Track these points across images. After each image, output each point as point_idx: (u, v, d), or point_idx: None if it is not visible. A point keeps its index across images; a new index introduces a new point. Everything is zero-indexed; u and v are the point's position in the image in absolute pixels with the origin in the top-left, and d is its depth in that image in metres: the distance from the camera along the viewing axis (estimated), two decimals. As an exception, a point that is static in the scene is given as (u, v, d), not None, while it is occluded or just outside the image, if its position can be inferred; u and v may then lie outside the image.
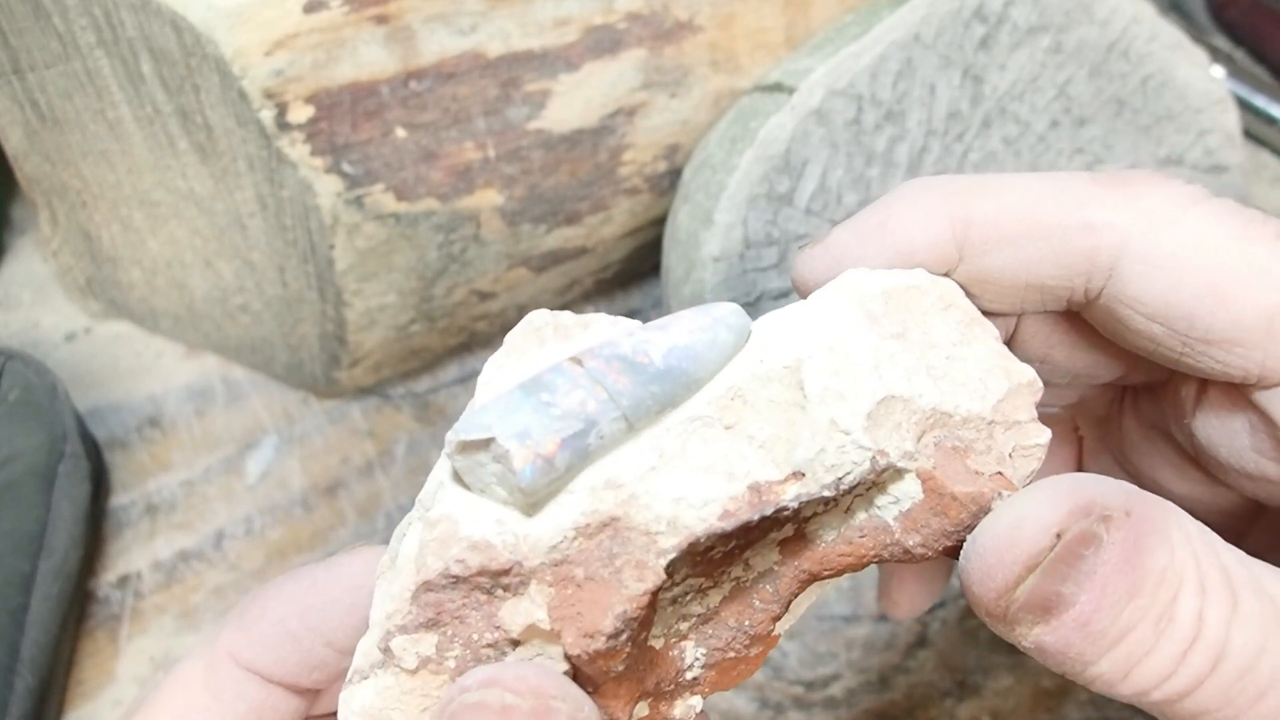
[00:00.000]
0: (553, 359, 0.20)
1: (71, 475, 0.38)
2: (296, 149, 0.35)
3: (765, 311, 0.22)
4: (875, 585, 0.35)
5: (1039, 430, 0.21)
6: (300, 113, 0.35)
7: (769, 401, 0.20)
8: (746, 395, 0.20)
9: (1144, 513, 0.18)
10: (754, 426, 0.20)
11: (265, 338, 0.44)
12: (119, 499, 0.43)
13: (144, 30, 0.34)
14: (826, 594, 0.43)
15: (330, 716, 0.24)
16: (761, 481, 0.20)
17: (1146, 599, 0.18)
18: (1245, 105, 0.54)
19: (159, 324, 0.46)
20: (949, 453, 0.21)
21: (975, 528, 0.20)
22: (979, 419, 0.21)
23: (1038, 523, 0.18)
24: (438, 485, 0.20)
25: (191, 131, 0.37)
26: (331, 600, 0.21)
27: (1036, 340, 0.25)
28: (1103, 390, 0.27)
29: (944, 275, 0.22)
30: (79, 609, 0.40)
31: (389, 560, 0.20)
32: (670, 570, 0.19)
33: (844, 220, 0.24)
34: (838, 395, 0.20)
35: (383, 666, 0.19)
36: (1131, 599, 0.18)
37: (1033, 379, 0.22)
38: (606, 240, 0.44)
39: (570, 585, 0.19)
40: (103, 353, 0.46)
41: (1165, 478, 0.26)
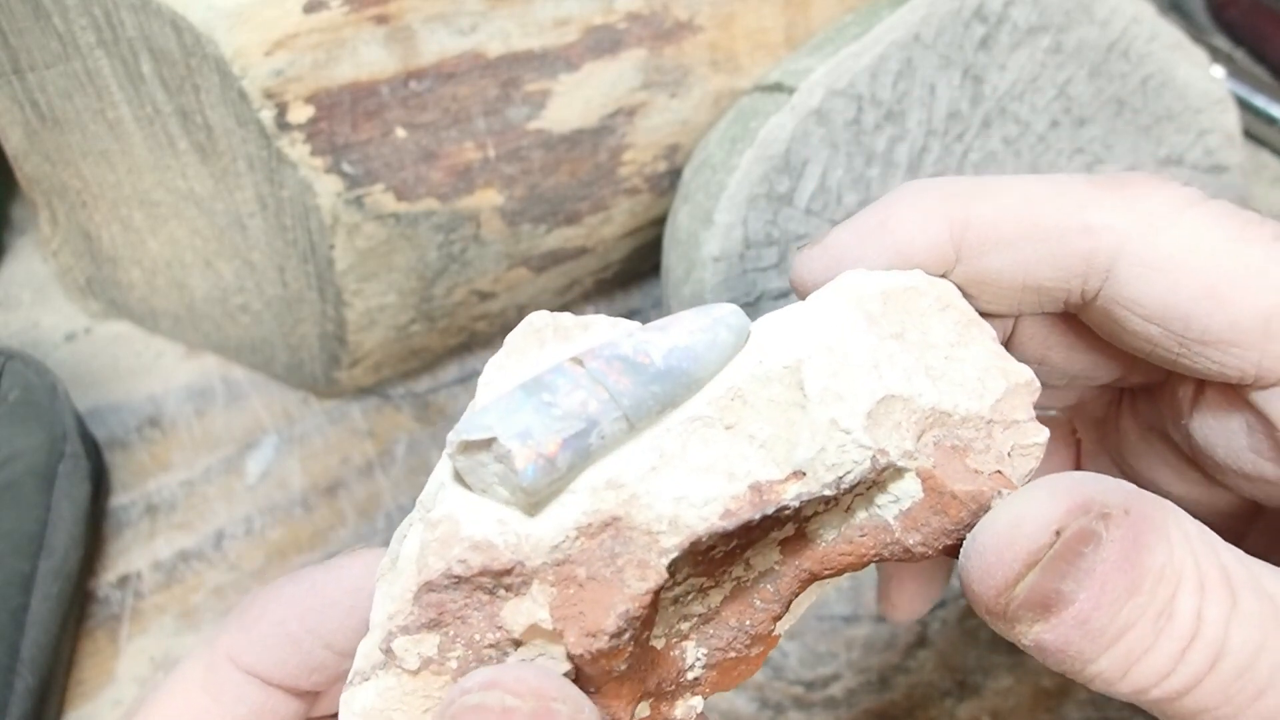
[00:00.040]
0: (553, 360, 0.20)
1: (71, 475, 0.38)
2: (296, 149, 0.35)
3: (765, 311, 0.22)
4: (875, 585, 0.35)
5: (1037, 429, 0.22)
6: (300, 113, 0.35)
7: (769, 401, 0.20)
8: (746, 395, 0.20)
9: (1143, 511, 0.18)
10: (754, 426, 0.20)
11: (265, 338, 0.44)
12: (119, 499, 0.43)
13: (144, 30, 0.34)
14: (826, 594, 0.43)
15: (330, 718, 0.24)
16: (762, 481, 0.20)
17: (1145, 597, 0.18)
18: (1245, 105, 0.54)
19: (159, 324, 0.46)
20: (948, 452, 0.21)
21: (975, 526, 0.20)
22: (978, 418, 0.21)
23: (1037, 520, 0.18)
24: (439, 486, 0.20)
25: (191, 131, 0.37)
26: (331, 602, 0.21)
27: (1034, 342, 0.25)
28: (1100, 392, 0.27)
29: (941, 276, 0.22)
30: (79, 609, 0.40)
31: (389, 562, 0.20)
32: (672, 569, 0.19)
33: (843, 221, 0.24)
34: (838, 395, 0.20)
35: (384, 667, 0.19)
36: (1131, 597, 0.18)
37: (1030, 379, 0.22)
38: (606, 240, 0.44)
39: (572, 585, 0.19)
40: (103, 353, 0.46)
41: (1163, 479, 0.26)
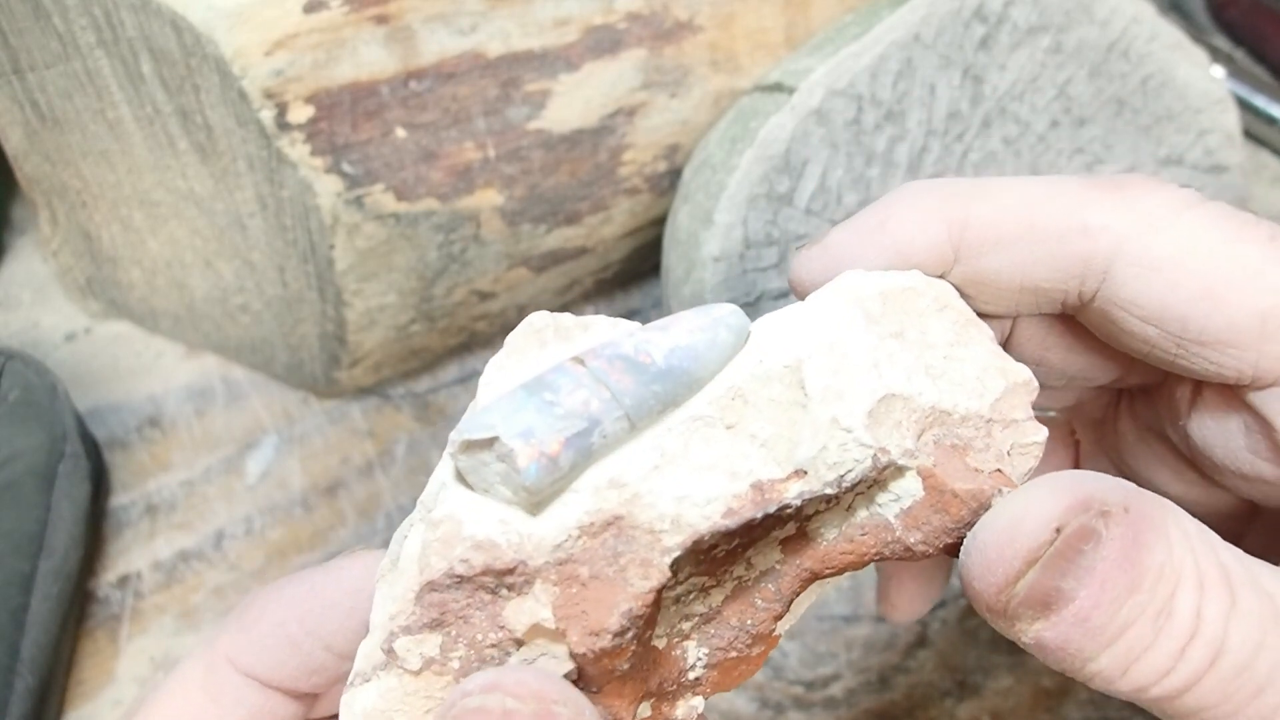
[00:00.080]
0: (554, 360, 0.20)
1: (71, 475, 0.38)
2: (296, 149, 0.35)
3: (765, 311, 0.22)
4: (875, 586, 0.35)
5: (1036, 428, 0.22)
6: (300, 113, 0.35)
7: (770, 401, 0.20)
8: (747, 395, 0.20)
9: (1143, 509, 0.18)
10: (755, 425, 0.20)
11: (265, 338, 0.44)
12: (119, 499, 0.43)
13: (144, 30, 0.34)
14: (826, 594, 0.43)
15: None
16: (764, 480, 0.20)
17: (1145, 595, 0.18)
18: (1245, 105, 0.54)
19: (159, 324, 0.46)
20: (948, 451, 0.21)
21: (976, 524, 0.20)
22: (977, 417, 0.21)
23: (1038, 517, 0.18)
24: (440, 486, 0.19)
25: (191, 131, 0.37)
26: (330, 604, 0.21)
27: (1032, 343, 0.25)
28: (1098, 393, 0.28)
29: (939, 277, 0.22)
30: (79, 609, 0.40)
31: (390, 563, 0.20)
32: (674, 568, 0.19)
33: (842, 221, 0.24)
34: (838, 394, 0.20)
35: (385, 668, 0.19)
36: (1130, 595, 0.18)
37: (1028, 378, 0.22)
38: (606, 240, 0.44)
39: (575, 584, 0.19)
40: (103, 353, 0.46)
41: (1162, 480, 0.26)
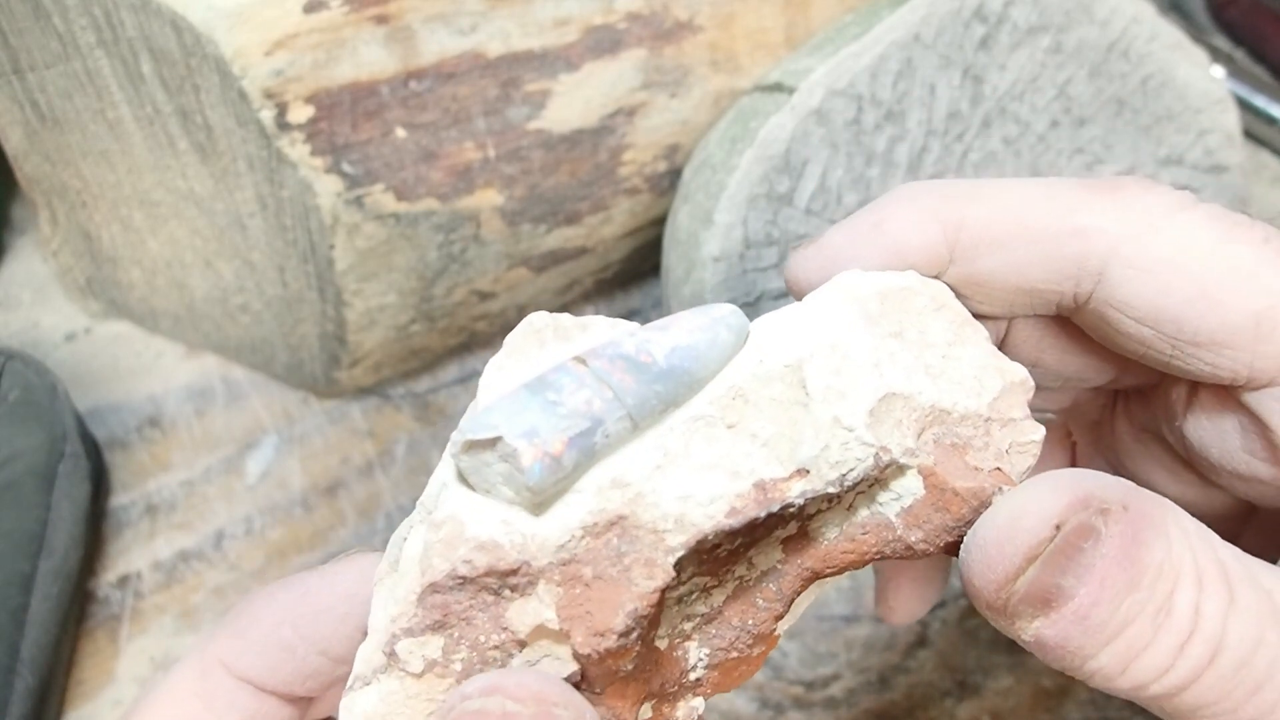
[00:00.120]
0: (554, 360, 0.20)
1: (71, 475, 0.38)
2: (296, 149, 0.35)
3: (765, 311, 0.22)
4: (874, 587, 0.35)
5: (1033, 427, 0.22)
6: (300, 113, 0.35)
7: (771, 400, 0.20)
8: (748, 394, 0.20)
9: (1141, 507, 0.19)
10: (756, 425, 0.20)
11: (265, 338, 0.44)
12: (119, 499, 0.43)
13: (144, 30, 0.34)
14: (826, 594, 0.43)
15: None
16: (766, 479, 0.20)
17: (1145, 592, 0.18)
18: (1245, 105, 0.54)
19: (159, 324, 0.46)
20: (948, 449, 0.21)
21: (976, 522, 0.20)
22: (976, 416, 0.21)
23: (1038, 514, 0.18)
24: (441, 486, 0.19)
25: (191, 131, 0.37)
26: (325, 608, 0.21)
27: (1028, 344, 0.25)
28: (1094, 395, 0.28)
29: (934, 277, 0.23)
30: (79, 609, 0.40)
31: (389, 565, 0.20)
32: (678, 568, 0.19)
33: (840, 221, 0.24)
34: (840, 393, 0.20)
35: (386, 671, 0.19)
36: (1130, 592, 0.18)
37: (1025, 377, 0.22)
38: (606, 240, 0.44)
39: (578, 585, 0.19)
40: (103, 353, 0.46)
41: (1159, 481, 0.26)
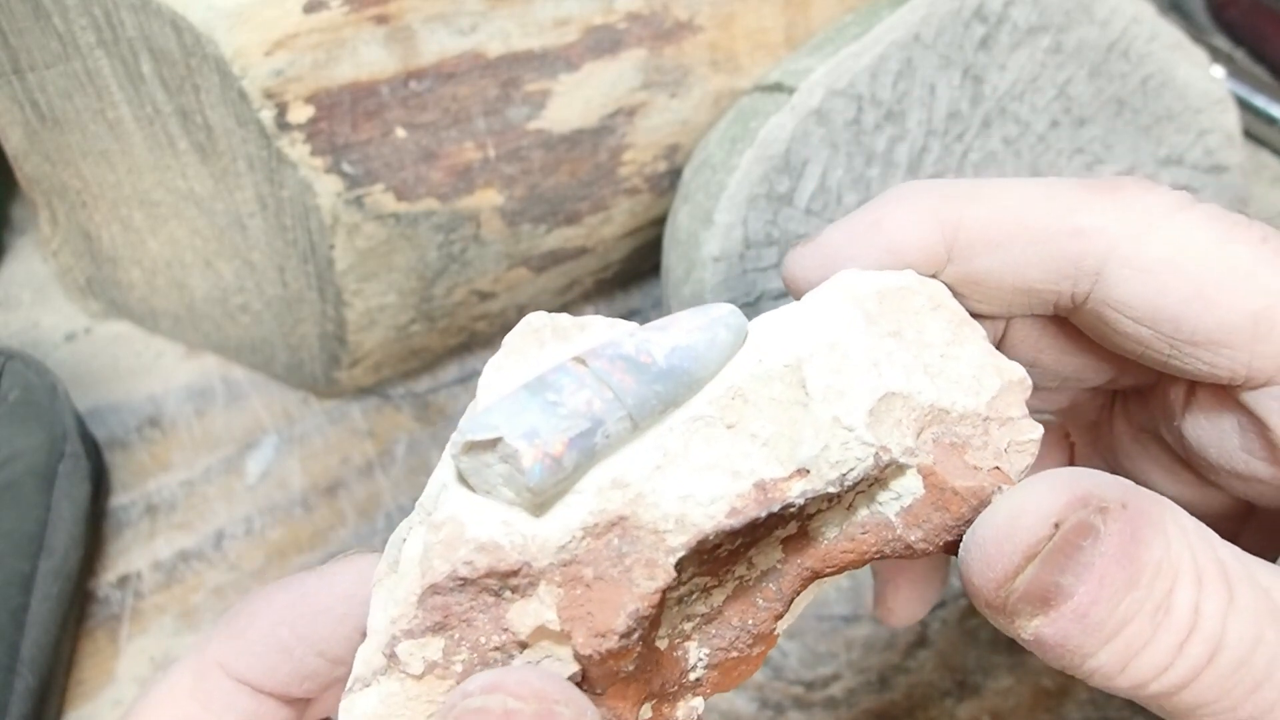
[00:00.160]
0: (553, 360, 0.20)
1: (71, 475, 0.38)
2: (296, 149, 0.35)
3: (765, 311, 0.22)
4: (873, 589, 0.35)
5: (1032, 426, 0.22)
6: (300, 113, 0.35)
7: (770, 400, 0.20)
8: (747, 394, 0.20)
9: (1140, 506, 0.19)
10: (756, 425, 0.20)
11: (265, 338, 0.44)
12: (119, 499, 0.43)
13: (144, 30, 0.34)
14: (826, 593, 0.43)
15: None
16: (767, 479, 0.20)
17: (1144, 591, 0.18)
18: (1245, 105, 0.54)
19: (159, 324, 0.46)
20: (947, 448, 0.21)
21: (975, 521, 0.20)
22: (975, 415, 0.21)
23: (1036, 513, 0.18)
24: (440, 487, 0.19)
25: (191, 131, 0.37)
26: (323, 609, 0.21)
27: (1026, 344, 0.25)
28: (1093, 395, 0.28)
29: (932, 277, 0.23)
30: (79, 609, 0.40)
31: (387, 566, 0.20)
32: (679, 568, 0.19)
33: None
34: (840, 393, 0.20)
35: (386, 673, 0.19)
36: (1129, 590, 0.18)
37: (1023, 376, 0.22)
38: (606, 240, 0.44)
39: (579, 585, 0.19)
40: (103, 353, 0.46)
41: (1157, 481, 0.26)
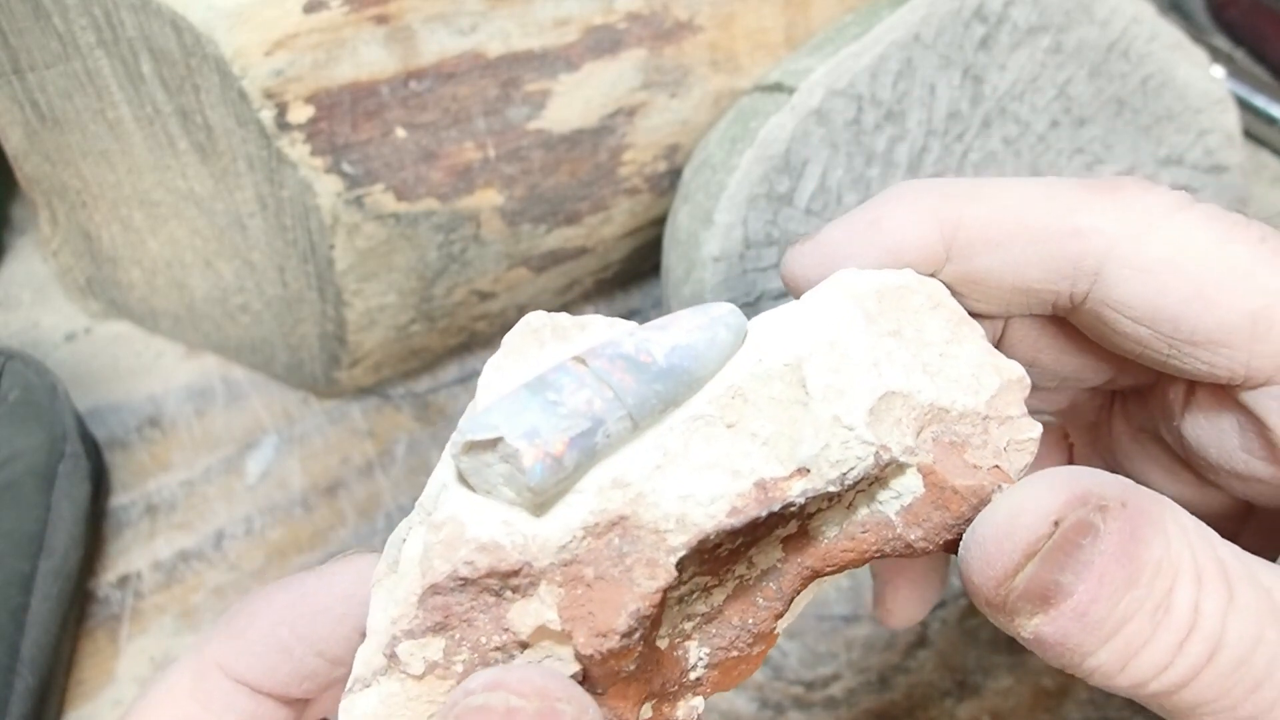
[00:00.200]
0: (553, 360, 0.20)
1: (71, 475, 0.38)
2: (296, 149, 0.35)
3: (765, 311, 0.22)
4: (873, 590, 0.35)
5: (1031, 425, 0.22)
6: (300, 113, 0.35)
7: (770, 399, 0.20)
8: (747, 394, 0.20)
9: (1140, 504, 0.19)
10: (756, 424, 0.20)
11: (265, 338, 0.44)
12: (119, 499, 0.43)
13: (144, 30, 0.34)
14: (826, 593, 0.43)
15: None
16: (767, 478, 0.20)
17: (1143, 589, 0.18)
18: (1245, 105, 0.54)
19: (159, 324, 0.46)
20: (947, 447, 0.21)
21: (974, 519, 0.20)
22: (974, 414, 0.21)
23: (1036, 511, 0.18)
24: (440, 487, 0.19)
25: (191, 131, 0.37)
26: (322, 609, 0.21)
27: (1024, 344, 0.25)
28: (1091, 395, 0.28)
29: (930, 276, 0.23)
30: (79, 609, 0.40)
31: (387, 566, 0.20)
32: (679, 568, 0.19)
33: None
34: (840, 392, 0.20)
35: (386, 673, 0.19)
36: (1129, 589, 0.18)
37: (1022, 375, 0.22)
38: (606, 240, 0.44)
39: (580, 585, 0.19)
40: (103, 353, 0.46)
41: (1156, 481, 0.26)
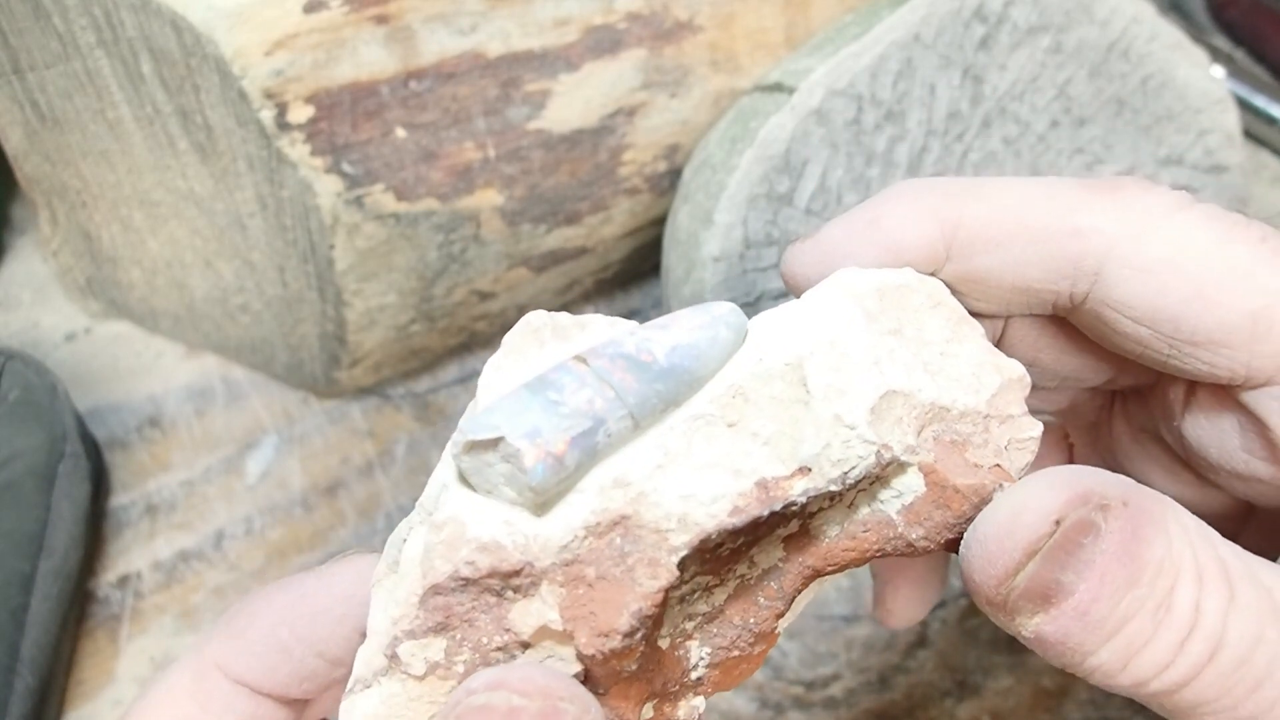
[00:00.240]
0: (553, 359, 0.20)
1: (71, 475, 0.38)
2: (296, 149, 0.35)
3: (766, 311, 0.22)
4: (873, 590, 0.35)
5: (1031, 424, 0.22)
6: (300, 113, 0.35)
7: (771, 399, 0.20)
8: (748, 393, 0.20)
9: (1141, 504, 0.19)
10: (757, 424, 0.20)
11: (265, 338, 0.44)
12: (119, 499, 0.43)
13: (144, 30, 0.34)
14: (826, 593, 0.43)
15: None
16: (769, 478, 0.20)
17: (1145, 589, 0.18)
18: (1245, 105, 0.54)
19: (159, 324, 0.46)
20: (948, 446, 0.21)
21: (976, 518, 0.20)
22: (975, 413, 0.21)
23: (1037, 510, 0.19)
24: (441, 487, 0.19)
25: (191, 131, 0.37)
26: (322, 610, 0.21)
27: (1024, 344, 0.25)
28: (1092, 395, 0.28)
29: (930, 275, 0.23)
30: (79, 609, 0.40)
31: (387, 566, 0.20)
32: (681, 567, 0.19)
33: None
34: (841, 391, 0.20)
35: (387, 674, 0.19)
36: (1130, 588, 0.18)
37: (1022, 374, 0.22)
38: (606, 240, 0.44)
39: (582, 585, 0.19)
40: (103, 353, 0.46)
41: (1157, 481, 0.26)
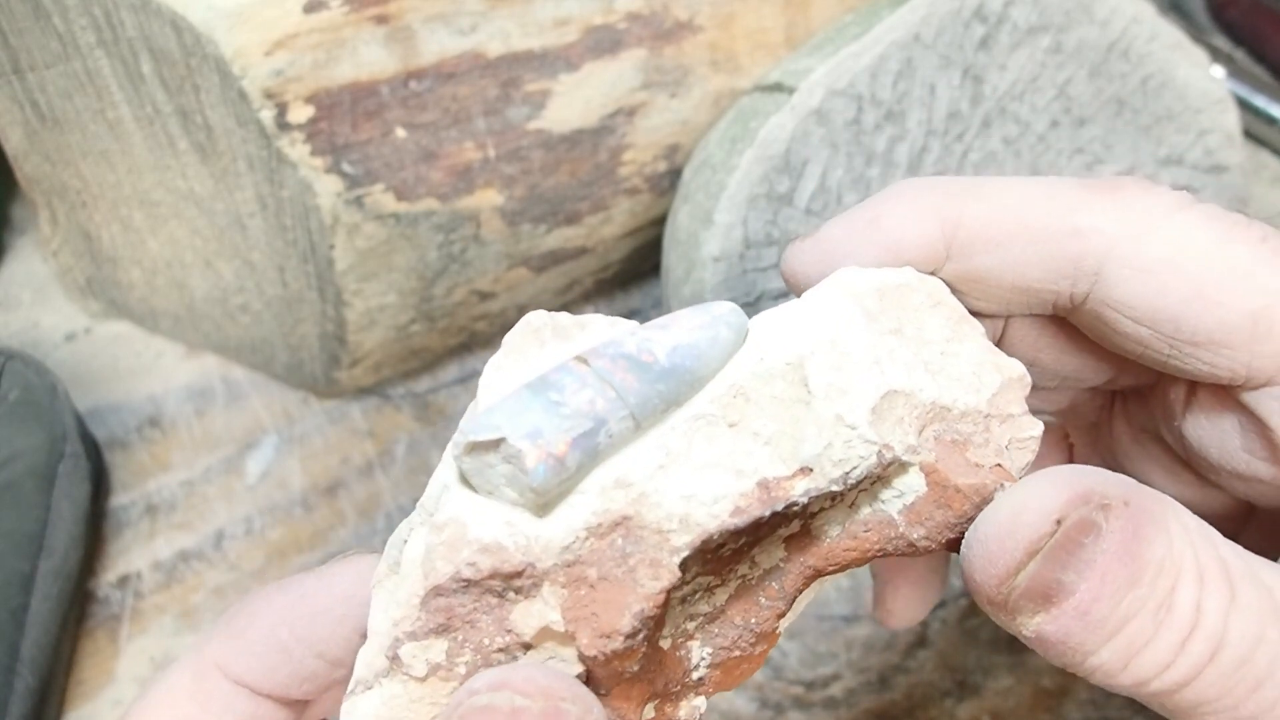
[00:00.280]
0: (553, 360, 0.20)
1: (71, 475, 0.38)
2: (296, 149, 0.35)
3: (766, 310, 0.22)
4: (873, 590, 0.35)
5: (1032, 423, 0.22)
6: (300, 113, 0.35)
7: (772, 398, 0.20)
8: (749, 393, 0.20)
9: (1142, 504, 0.19)
10: (758, 424, 0.20)
11: (265, 338, 0.44)
12: (119, 499, 0.43)
13: (144, 30, 0.34)
14: (826, 593, 0.43)
15: None
16: (770, 478, 0.20)
17: (1145, 588, 0.18)
18: (1245, 105, 0.54)
19: (159, 324, 0.46)
20: (949, 446, 0.21)
21: (977, 518, 0.20)
22: (975, 413, 0.21)
23: (1038, 509, 0.19)
24: (441, 488, 0.19)
25: (191, 131, 0.37)
26: (322, 610, 0.21)
27: (1025, 344, 0.25)
28: (1092, 395, 0.28)
29: (930, 274, 0.23)
30: (79, 609, 0.40)
31: (388, 567, 0.20)
32: (682, 568, 0.19)
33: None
34: (842, 390, 0.20)
35: (389, 675, 0.19)
36: (1131, 588, 0.18)
37: (1022, 373, 0.22)
38: (606, 240, 0.44)
39: (583, 586, 0.19)
40: (103, 353, 0.46)
41: (1157, 481, 0.26)
